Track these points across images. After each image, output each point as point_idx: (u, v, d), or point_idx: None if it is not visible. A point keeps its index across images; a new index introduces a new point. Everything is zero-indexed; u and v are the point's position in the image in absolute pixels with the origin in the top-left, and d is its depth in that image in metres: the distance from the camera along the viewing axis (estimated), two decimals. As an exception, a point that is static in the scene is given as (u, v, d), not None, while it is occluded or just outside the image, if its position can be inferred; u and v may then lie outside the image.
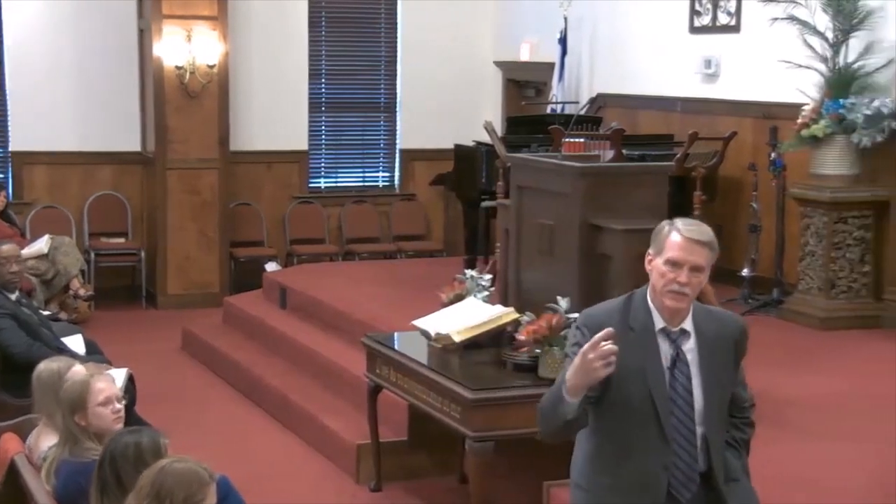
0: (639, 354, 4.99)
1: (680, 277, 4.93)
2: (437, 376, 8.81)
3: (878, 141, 11.83)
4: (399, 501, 9.69)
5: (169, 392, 11.19)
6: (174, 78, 15.52)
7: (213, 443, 9.21)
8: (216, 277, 15.99)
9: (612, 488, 5.05)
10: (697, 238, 4.98)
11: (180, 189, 15.78)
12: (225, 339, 13.68)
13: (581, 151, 9.81)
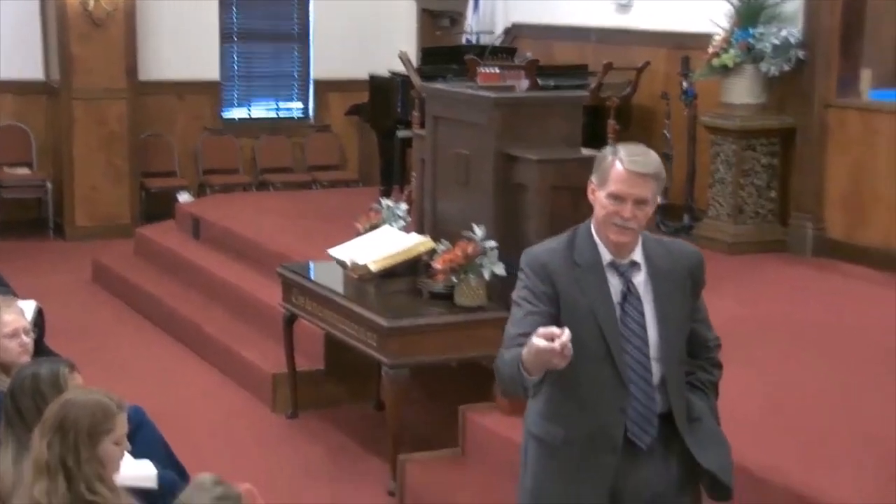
0: (587, 291, 4.73)
1: (623, 212, 4.66)
2: (354, 305, 8.93)
3: (785, 70, 12.01)
4: (315, 429, 9.76)
5: (80, 325, 11.16)
6: (77, 5, 15.37)
7: (126, 375, 9.22)
8: (126, 209, 15.92)
9: (567, 438, 4.78)
10: (641, 170, 4.71)
11: (87, 119, 15.65)
12: (137, 270, 13.65)
13: (496, 82, 9.86)
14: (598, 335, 4.67)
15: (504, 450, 8.19)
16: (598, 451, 4.71)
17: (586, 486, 4.73)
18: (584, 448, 4.73)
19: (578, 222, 8.94)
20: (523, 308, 4.74)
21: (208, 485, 4.78)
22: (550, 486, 4.82)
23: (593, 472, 4.71)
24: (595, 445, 4.71)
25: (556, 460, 4.81)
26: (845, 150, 11.85)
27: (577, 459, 4.74)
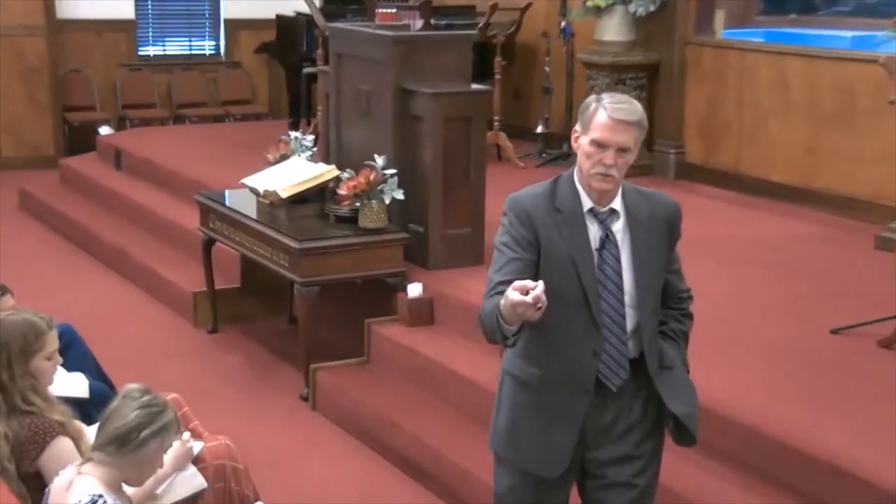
0: (566, 236, 4.47)
1: (606, 159, 4.37)
2: (267, 229, 8.93)
3: (651, 10, 12.03)
4: (234, 342, 9.74)
5: (8, 250, 10.99)
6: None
7: (55, 296, 9.10)
8: (50, 141, 15.72)
9: (542, 379, 4.55)
10: (625, 118, 4.39)
11: (6, 55, 15.37)
12: (62, 198, 13.50)
13: (393, 21, 9.74)
14: (575, 280, 4.45)
15: (405, 357, 8.33)
16: (571, 392, 4.53)
17: (558, 424, 4.56)
18: (557, 388, 4.54)
19: (469, 151, 8.95)
20: (505, 254, 4.48)
21: (136, 394, 4.68)
22: (525, 422, 4.64)
23: (566, 411, 4.54)
24: (568, 386, 4.52)
25: (530, 399, 4.63)
26: (701, 83, 11.96)
27: (550, 398, 4.57)
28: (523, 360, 4.58)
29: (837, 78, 10.62)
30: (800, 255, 9.42)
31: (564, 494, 4.78)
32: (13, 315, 5.29)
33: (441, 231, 8.94)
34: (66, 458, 4.90)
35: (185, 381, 7.71)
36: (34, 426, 5.06)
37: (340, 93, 9.81)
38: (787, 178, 11.03)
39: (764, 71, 11.32)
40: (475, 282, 8.50)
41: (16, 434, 5.01)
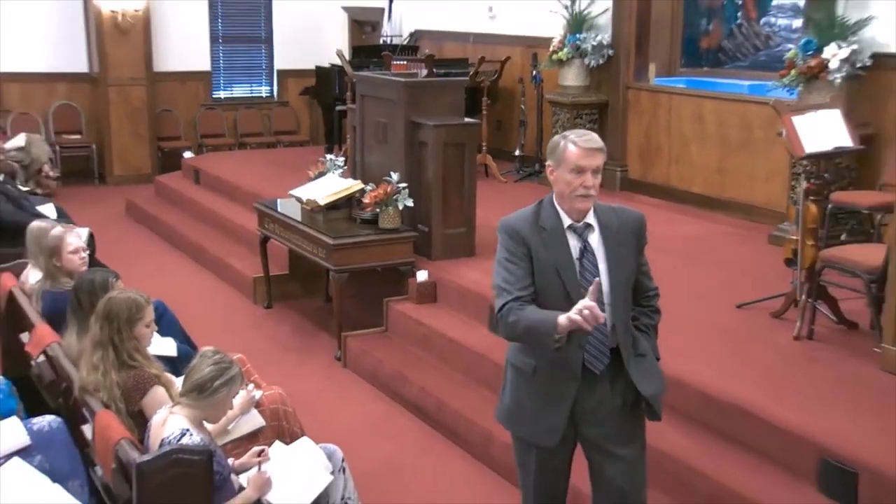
0: (551, 250, 4.29)
1: (587, 181, 4.24)
2: (308, 229, 8.93)
3: (601, 63, 12.02)
4: (283, 315, 9.74)
5: (118, 244, 11.05)
6: (109, 18, 15.13)
7: (151, 279, 9.16)
8: (148, 163, 15.71)
9: (538, 367, 4.36)
10: (593, 146, 4.28)
11: (118, 100, 15.46)
12: (156, 206, 13.50)
13: (404, 70, 9.78)
14: (560, 286, 4.27)
15: (414, 327, 8.35)
16: (562, 377, 4.34)
17: (552, 407, 4.39)
18: (550, 376, 4.35)
19: (463, 169, 8.94)
20: (508, 267, 4.30)
21: (210, 354, 4.76)
22: (525, 403, 4.48)
23: (558, 395, 4.37)
24: (559, 373, 4.33)
25: (529, 385, 4.44)
26: (639, 118, 11.87)
27: (545, 385, 4.38)
28: (522, 352, 4.42)
29: (739, 115, 10.59)
30: (713, 248, 9.44)
31: (563, 457, 4.61)
32: (122, 294, 5.35)
33: (441, 230, 8.96)
34: (161, 402, 4.96)
35: (247, 344, 7.74)
36: (137, 377, 5.14)
37: (364, 125, 9.82)
38: (704, 189, 11.00)
39: (686, 109, 11.26)
40: (468, 269, 8.66)
41: (124, 382, 5.10)
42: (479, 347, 7.62)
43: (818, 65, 9.06)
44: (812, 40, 9.21)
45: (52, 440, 5.21)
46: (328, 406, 7.47)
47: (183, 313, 6.93)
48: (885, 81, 8.99)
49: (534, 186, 12.14)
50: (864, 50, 9.04)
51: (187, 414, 4.61)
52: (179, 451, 4.30)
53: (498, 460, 6.64)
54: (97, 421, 4.92)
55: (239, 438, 5.38)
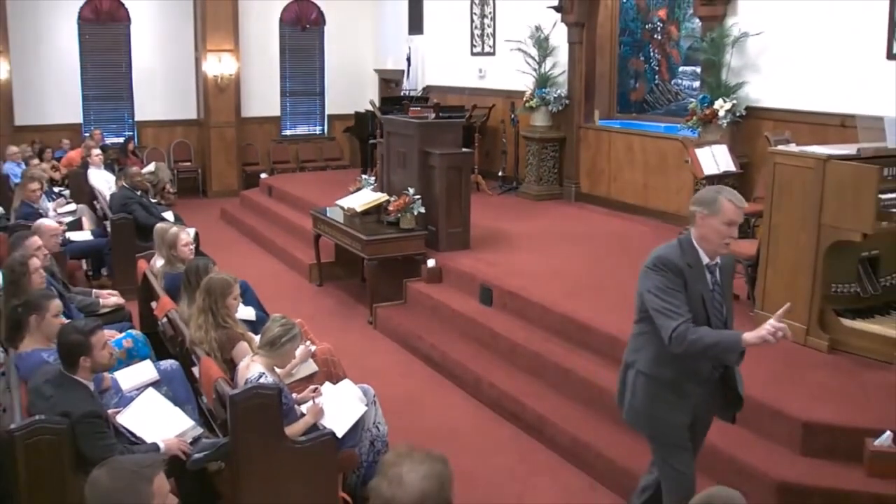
0: (697, 283, 3.94)
1: (733, 233, 3.91)
2: (349, 228, 8.91)
3: (560, 109, 11.91)
4: (331, 291, 9.73)
5: (215, 240, 11.04)
6: (213, 80, 15.24)
7: (237, 265, 9.13)
8: (236, 182, 15.69)
9: (672, 377, 4.00)
10: (743, 206, 3.95)
11: (216, 137, 15.51)
12: (242, 213, 13.46)
13: (419, 114, 9.80)
14: (702, 309, 3.93)
15: (426, 300, 8.35)
16: (691, 385, 4.02)
17: (682, 409, 4.05)
18: (681, 382, 4.01)
19: (461, 186, 8.92)
20: (673, 294, 3.89)
21: (279, 318, 4.81)
22: (659, 410, 4.05)
23: (687, 399, 4.03)
24: (690, 380, 4.01)
25: (662, 392, 4.03)
26: (588, 148, 11.77)
27: (677, 391, 4.02)
28: (659, 364, 4.02)
29: (658, 147, 10.56)
30: (639, 242, 9.31)
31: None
32: (217, 275, 5.42)
33: (446, 230, 8.96)
34: (245, 353, 5.03)
35: (306, 312, 7.73)
36: (228, 335, 5.23)
37: (389, 153, 9.78)
38: (635, 200, 10.93)
39: (620, 143, 11.21)
40: (464, 258, 8.69)
41: (219, 338, 5.19)
42: (472, 314, 7.70)
43: (711, 113, 9.18)
44: (707, 96, 9.33)
45: (173, 377, 5.36)
46: (363, 357, 7.47)
47: (260, 289, 6.95)
48: (755, 126, 9.05)
49: (511, 199, 12.10)
50: (741, 104, 9.15)
51: (263, 362, 4.67)
52: (258, 387, 4.39)
53: (485, 395, 6.73)
54: (202, 365, 5.04)
55: (300, 379, 5.41)
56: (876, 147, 6.12)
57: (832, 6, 8.41)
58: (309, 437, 4.54)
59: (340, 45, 16.91)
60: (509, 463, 5.81)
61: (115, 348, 5.13)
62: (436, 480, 2.47)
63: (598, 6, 11.72)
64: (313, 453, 4.48)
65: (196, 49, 15.70)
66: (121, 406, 4.84)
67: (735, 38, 9.22)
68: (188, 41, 15.77)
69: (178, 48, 15.67)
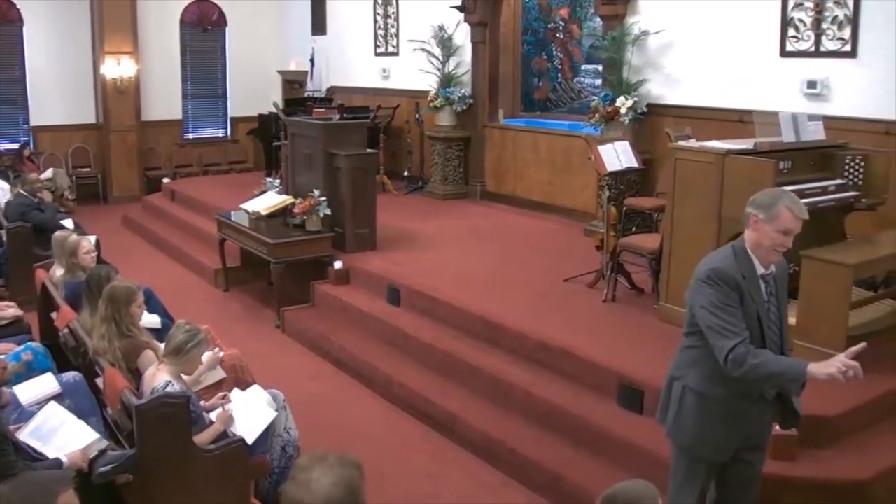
0: (752, 295, 3.63)
1: (787, 243, 3.63)
2: (254, 232, 8.84)
3: (465, 108, 11.96)
4: (238, 296, 9.62)
5: (117, 247, 10.74)
6: (112, 83, 14.82)
7: (141, 272, 8.97)
8: (138, 186, 15.29)
9: (724, 395, 3.69)
10: (805, 217, 3.66)
11: (117, 142, 15.08)
12: (144, 219, 13.15)
13: (323, 115, 9.75)
14: (757, 324, 3.64)
15: (334, 302, 8.31)
16: (743, 403, 3.72)
17: (734, 428, 3.76)
18: (734, 401, 3.71)
19: (366, 186, 8.90)
20: (730, 311, 3.59)
21: (183, 324, 4.74)
22: (712, 428, 3.75)
23: (738, 418, 3.74)
24: (742, 399, 3.71)
25: (712, 410, 3.73)
26: (493, 148, 11.85)
27: (728, 410, 3.72)
28: (711, 381, 3.72)
29: (562, 145, 10.67)
30: (546, 238, 9.52)
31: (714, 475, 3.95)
32: (120, 283, 5.32)
33: (352, 231, 8.93)
34: (150, 361, 4.94)
35: (212, 318, 7.66)
36: (133, 343, 5.12)
37: (294, 155, 9.73)
38: (540, 198, 11.03)
39: (525, 140, 11.31)
40: (372, 258, 8.68)
41: (124, 348, 5.07)
42: (380, 314, 7.69)
43: (613, 111, 9.33)
44: (609, 94, 9.49)
45: (76, 389, 5.21)
46: (272, 361, 7.39)
47: (164, 296, 6.83)
48: (657, 123, 9.24)
49: (417, 198, 12.14)
50: (642, 101, 9.34)
51: (169, 370, 4.60)
52: (165, 396, 4.32)
53: (395, 396, 6.73)
54: (106, 376, 4.92)
55: (208, 386, 5.34)
56: (772, 141, 6.31)
57: (729, 6, 8.66)
58: (219, 445, 4.47)
59: (243, 46, 16.67)
60: (422, 462, 5.81)
61: (11, 362, 4.98)
62: (344, 486, 2.46)
63: (500, 6, 11.82)
64: (224, 461, 4.42)
65: (94, 51, 15.28)
66: (21, 421, 4.67)
67: (636, 37, 9.40)
68: (85, 43, 15.32)
69: (74, 50, 15.21)
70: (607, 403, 5.61)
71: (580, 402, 5.67)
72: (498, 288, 7.59)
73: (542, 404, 5.80)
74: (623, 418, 5.41)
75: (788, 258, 6.47)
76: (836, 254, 5.77)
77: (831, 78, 7.86)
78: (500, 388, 6.15)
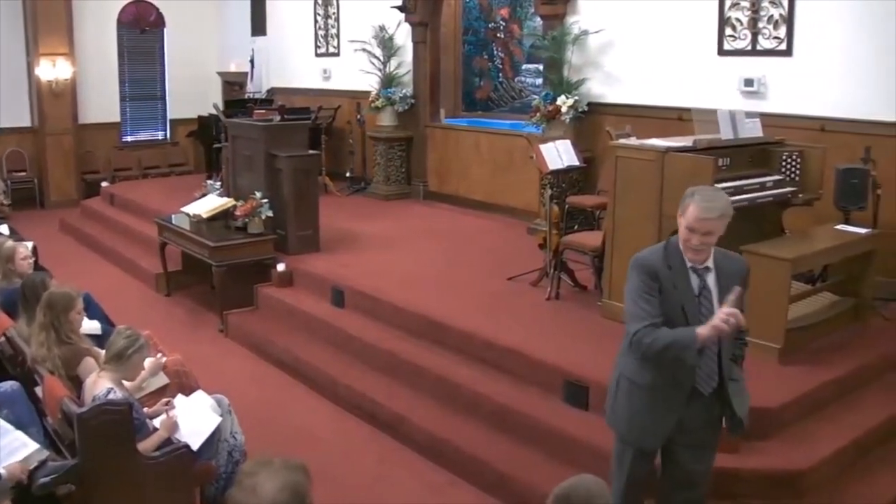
0: (677, 286, 3.68)
1: (693, 241, 3.63)
2: (196, 235, 8.77)
3: (406, 108, 11.94)
4: (180, 300, 9.52)
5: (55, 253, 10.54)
6: (47, 85, 14.51)
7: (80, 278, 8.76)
8: (75, 191, 14.97)
9: (653, 383, 3.76)
10: (707, 216, 3.62)
11: (53, 145, 14.77)
12: (83, 223, 12.90)
13: (263, 117, 9.67)
14: (683, 317, 3.67)
15: (277, 305, 8.27)
16: (674, 392, 3.78)
17: (663, 418, 3.82)
18: (664, 389, 3.77)
19: (308, 187, 8.87)
20: (646, 298, 3.67)
21: (124, 330, 4.68)
22: (638, 414, 3.85)
23: (667, 407, 3.79)
24: (673, 388, 3.77)
25: (642, 397, 3.82)
26: (435, 147, 11.89)
27: (656, 397, 3.79)
28: (641, 369, 3.80)
29: (504, 144, 10.73)
30: (489, 237, 9.56)
31: (652, 463, 4.05)
32: (59, 289, 5.24)
33: (295, 232, 8.89)
34: (91, 369, 4.87)
35: (154, 323, 7.54)
36: (73, 350, 5.04)
37: (235, 157, 9.65)
38: (483, 197, 11.09)
39: (467, 140, 11.35)
40: (315, 260, 8.65)
41: (63, 355, 4.98)
42: (325, 316, 7.65)
43: (555, 110, 9.40)
44: (550, 93, 9.56)
45: (14, 399, 5.08)
46: (216, 366, 7.34)
47: (104, 302, 6.72)
48: (597, 121, 9.34)
49: (360, 199, 12.11)
50: (583, 100, 9.44)
51: (110, 377, 4.53)
52: (107, 404, 4.24)
53: (341, 397, 6.70)
54: (46, 384, 4.83)
55: (151, 393, 5.28)
56: (710, 139, 6.41)
57: (668, 6, 8.78)
58: (163, 452, 4.41)
59: (182, 47, 16.42)
60: (369, 463, 5.80)
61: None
62: (291, 490, 2.46)
63: (441, 6, 11.85)
64: (168, 468, 4.36)
65: (28, 53, 14.96)
66: (-43, 433, 4.58)
67: (576, 36, 9.47)
68: (19, 45, 14.99)
69: (7, 52, 14.81)
70: (553, 400, 5.63)
71: (526, 400, 5.69)
72: (442, 287, 7.60)
73: (488, 403, 5.81)
74: (569, 415, 5.44)
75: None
76: (774, 248, 5.88)
77: (768, 76, 8.02)
78: (446, 387, 6.16)
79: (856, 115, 7.38)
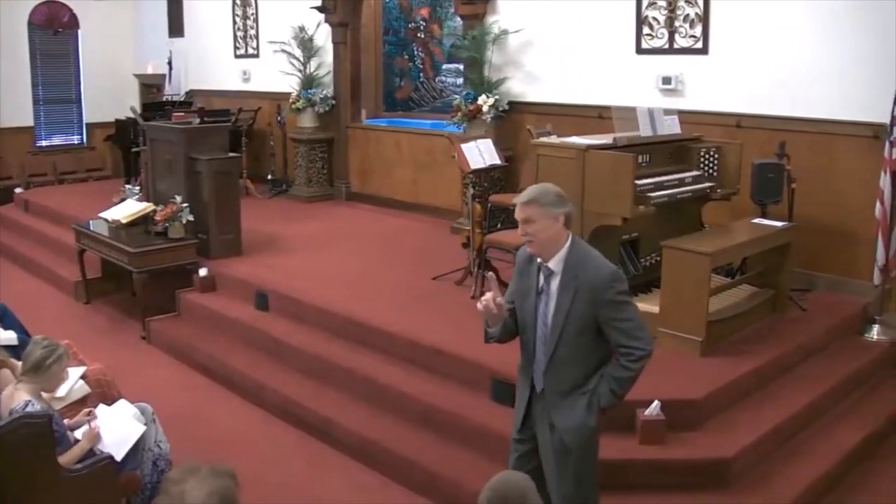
0: (526, 280, 3.73)
1: (520, 230, 3.64)
2: (115, 241, 8.61)
3: (327, 109, 11.91)
4: (100, 308, 9.33)
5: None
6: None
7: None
8: (-14, 198, 14.69)
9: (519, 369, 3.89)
10: (518, 200, 3.64)
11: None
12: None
13: (182, 119, 9.54)
14: (532, 309, 3.73)
15: (200, 311, 8.17)
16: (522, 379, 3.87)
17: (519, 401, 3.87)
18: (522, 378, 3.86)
19: (229, 190, 8.84)
20: (510, 286, 3.87)
21: (41, 340, 4.59)
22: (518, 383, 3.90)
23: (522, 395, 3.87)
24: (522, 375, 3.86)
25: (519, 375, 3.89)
26: (357, 148, 11.87)
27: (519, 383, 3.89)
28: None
29: (426, 144, 10.75)
30: (413, 237, 9.58)
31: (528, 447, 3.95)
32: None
33: (217, 237, 8.81)
34: (7, 381, 4.75)
35: (73, 332, 7.42)
36: None
37: (154, 161, 9.50)
38: (405, 197, 11.11)
39: (389, 140, 11.36)
40: (238, 264, 8.56)
41: None
42: (249, 321, 7.58)
43: (476, 109, 9.44)
44: (471, 93, 9.59)
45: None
46: (138, 374, 7.23)
47: (21, 312, 6.57)
48: (518, 120, 9.43)
49: (282, 201, 12.04)
50: (503, 99, 9.50)
51: (28, 388, 4.42)
52: (26, 416, 4.15)
53: (268, 402, 6.64)
54: (-42, 398, 4.72)
55: (71, 403, 5.16)
56: (630, 136, 6.50)
57: (586, 5, 8.90)
58: (86, 464, 4.34)
59: (97, 49, 16.08)
60: (299, 467, 5.75)
61: None
62: (219, 497, 2.44)
63: (361, 6, 11.82)
64: (92, 480, 4.28)
65: None
66: None
67: (496, 36, 9.53)
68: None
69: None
70: (481, 399, 5.65)
71: (454, 399, 5.70)
72: (367, 288, 7.58)
73: (416, 403, 5.81)
74: (497, 413, 5.46)
75: (650, 248, 6.73)
76: (694, 243, 5.98)
77: (685, 74, 8.17)
78: (374, 389, 6.14)
79: (770, 112, 7.57)
